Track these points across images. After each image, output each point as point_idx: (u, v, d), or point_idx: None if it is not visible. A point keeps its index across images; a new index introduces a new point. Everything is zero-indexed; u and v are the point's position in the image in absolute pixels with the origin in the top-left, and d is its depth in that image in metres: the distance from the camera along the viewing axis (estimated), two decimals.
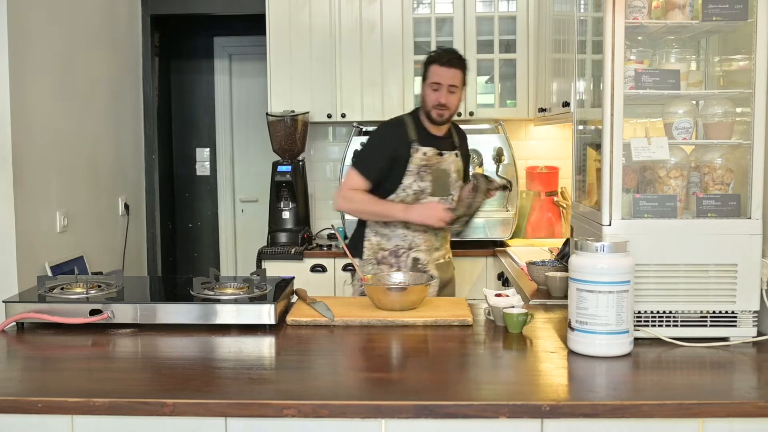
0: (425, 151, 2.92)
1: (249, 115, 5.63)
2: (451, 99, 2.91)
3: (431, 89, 2.90)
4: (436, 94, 2.89)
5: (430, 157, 2.92)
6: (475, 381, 1.71)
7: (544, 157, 4.29)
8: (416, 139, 2.93)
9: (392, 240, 2.97)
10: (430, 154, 2.92)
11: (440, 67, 2.89)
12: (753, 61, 1.92)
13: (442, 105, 2.89)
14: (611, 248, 1.78)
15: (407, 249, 2.95)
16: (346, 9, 4.05)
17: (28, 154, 3.09)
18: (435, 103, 2.89)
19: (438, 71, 2.89)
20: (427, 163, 2.92)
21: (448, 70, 2.89)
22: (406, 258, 2.95)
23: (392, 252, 2.96)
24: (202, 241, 5.78)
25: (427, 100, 2.93)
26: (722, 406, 1.51)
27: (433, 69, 2.91)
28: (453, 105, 2.92)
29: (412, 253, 2.95)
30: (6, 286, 2.90)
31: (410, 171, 2.91)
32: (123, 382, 1.69)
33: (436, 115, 2.91)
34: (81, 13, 3.67)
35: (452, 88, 2.89)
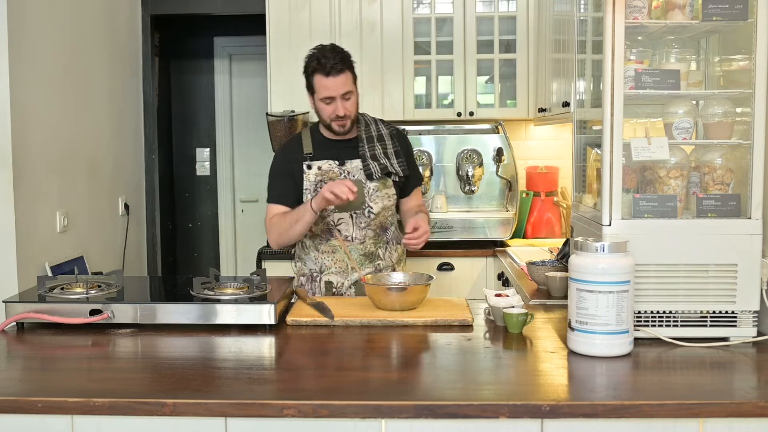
0: (320, 165, 2.66)
1: (249, 115, 5.63)
2: (348, 106, 2.60)
3: (324, 103, 2.59)
4: (331, 107, 2.59)
5: (326, 171, 2.65)
6: (475, 381, 1.71)
7: (544, 157, 4.29)
8: (311, 152, 2.68)
9: (307, 264, 2.75)
10: (326, 168, 2.66)
11: (326, 77, 2.55)
12: (753, 61, 1.92)
13: (340, 117, 2.60)
14: (611, 248, 1.78)
15: (319, 272, 2.72)
16: (346, 9, 4.05)
17: (28, 154, 3.09)
18: (332, 116, 2.60)
19: (325, 83, 2.56)
20: (324, 177, 2.65)
21: (336, 78, 2.55)
22: (319, 282, 2.72)
23: (308, 277, 2.74)
24: (202, 241, 5.78)
25: (323, 114, 2.63)
26: (722, 406, 1.51)
27: (319, 81, 2.57)
28: (352, 111, 2.62)
29: (324, 277, 2.71)
30: (6, 286, 2.90)
31: (307, 190, 2.66)
32: (123, 382, 1.69)
33: (337, 127, 2.63)
34: (81, 13, 3.67)
35: (347, 95, 2.59)
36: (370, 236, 2.71)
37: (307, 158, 2.69)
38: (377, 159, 2.68)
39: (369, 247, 2.71)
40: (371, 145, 2.71)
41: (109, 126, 4.02)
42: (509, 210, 3.87)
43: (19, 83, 3.01)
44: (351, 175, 2.67)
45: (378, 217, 2.69)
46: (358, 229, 2.69)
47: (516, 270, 3.14)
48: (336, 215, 2.66)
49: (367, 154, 2.68)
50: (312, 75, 2.59)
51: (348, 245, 2.67)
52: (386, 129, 2.78)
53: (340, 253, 2.69)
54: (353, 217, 2.68)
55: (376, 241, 2.72)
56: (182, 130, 5.68)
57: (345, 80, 2.57)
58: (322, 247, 2.71)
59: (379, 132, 2.76)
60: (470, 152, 3.84)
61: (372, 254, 2.71)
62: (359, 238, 2.69)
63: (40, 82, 3.22)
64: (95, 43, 3.86)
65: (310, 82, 2.61)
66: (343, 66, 2.57)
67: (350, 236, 2.68)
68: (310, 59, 2.61)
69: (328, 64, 2.55)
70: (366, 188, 2.66)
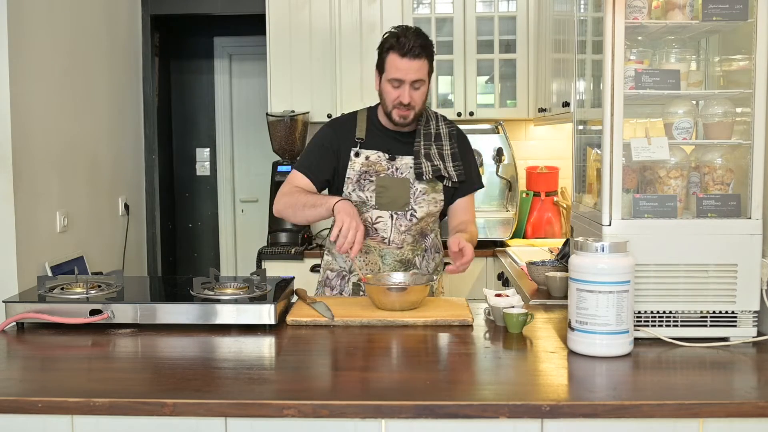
0: (368, 155, 2.46)
1: (249, 115, 5.63)
2: (415, 96, 2.39)
3: (391, 86, 2.39)
4: (397, 92, 2.38)
5: (373, 162, 2.46)
6: (475, 381, 1.71)
7: (544, 157, 4.29)
8: (363, 139, 2.48)
9: (337, 260, 2.58)
10: (374, 159, 2.46)
11: (401, 58, 2.34)
12: (753, 61, 1.92)
13: (405, 105, 2.39)
14: (611, 248, 1.78)
15: (348, 273, 2.56)
16: (346, 9, 4.05)
17: (28, 154, 3.09)
18: (396, 102, 2.39)
19: (398, 64, 2.35)
20: (369, 169, 2.46)
21: (411, 62, 2.34)
22: (348, 282, 2.56)
23: (338, 273, 2.59)
24: (202, 241, 5.78)
25: (386, 98, 2.42)
26: (722, 406, 1.51)
27: (392, 60, 2.36)
28: (418, 103, 2.41)
29: (353, 278, 2.54)
30: (6, 286, 2.90)
31: (349, 178, 2.47)
32: (123, 382, 1.69)
33: (398, 117, 2.42)
34: (81, 13, 3.67)
35: (417, 84, 2.38)
36: (408, 242, 2.50)
37: (357, 144, 2.48)
38: (431, 159, 2.46)
39: (406, 254, 2.51)
40: (427, 143, 2.49)
41: (109, 126, 4.02)
42: (509, 210, 3.87)
43: (19, 83, 3.01)
44: (399, 172, 2.47)
45: (420, 222, 2.49)
46: (397, 232, 2.48)
47: (516, 270, 3.14)
48: (375, 212, 2.47)
49: (421, 152, 2.46)
50: (387, 52, 2.38)
51: (383, 248, 2.49)
52: (446, 128, 2.56)
53: (373, 255, 2.50)
54: (393, 218, 2.47)
55: (414, 248, 2.52)
56: (182, 130, 5.68)
57: (420, 67, 2.36)
58: None
59: (438, 130, 2.54)
60: None
61: (408, 261, 2.52)
62: (396, 242, 2.49)
63: (40, 82, 3.22)
64: (95, 43, 3.86)
65: (382, 59, 2.40)
66: (422, 51, 2.35)
67: (387, 239, 2.48)
68: (388, 36, 2.40)
69: (408, 45, 2.33)
70: (413, 189, 2.46)
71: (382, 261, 2.50)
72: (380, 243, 2.50)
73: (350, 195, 2.49)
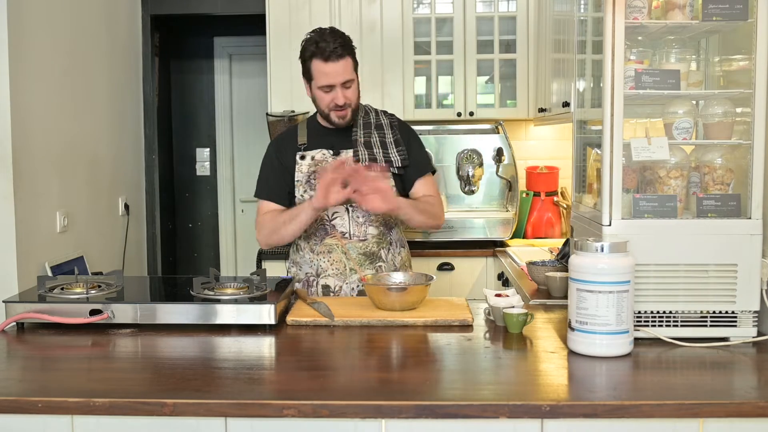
0: (313, 155, 2.50)
1: (249, 115, 5.63)
2: (349, 95, 2.42)
3: (322, 92, 2.42)
4: (330, 96, 2.42)
5: (319, 161, 2.49)
6: (475, 381, 1.71)
7: (544, 157, 4.29)
8: (305, 143, 2.52)
9: (303, 268, 2.58)
10: (320, 157, 2.49)
11: (325, 63, 2.36)
12: (753, 61, 1.92)
13: (339, 106, 2.43)
14: (611, 248, 1.78)
15: (315, 276, 2.55)
16: (346, 9, 4.05)
17: (28, 154, 3.09)
18: (331, 105, 2.43)
19: (324, 69, 2.37)
20: (317, 168, 2.47)
21: (336, 64, 2.36)
22: (316, 286, 2.54)
23: (303, 282, 2.58)
24: (202, 241, 5.78)
25: (321, 104, 2.46)
26: (722, 406, 1.51)
27: (317, 67, 2.38)
28: (353, 100, 2.44)
29: (321, 281, 2.53)
30: (6, 286, 2.90)
31: (298, 181, 2.50)
32: (123, 382, 1.69)
33: (336, 118, 2.46)
34: (81, 13, 3.67)
35: (347, 83, 2.41)
36: (372, 234, 2.51)
37: (300, 148, 2.52)
38: (371, 147, 2.49)
39: (371, 247, 2.51)
40: (366, 132, 2.53)
41: (109, 126, 4.02)
42: (509, 210, 3.87)
43: (19, 83, 3.01)
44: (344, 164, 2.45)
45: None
46: (356, 224, 2.49)
47: (516, 270, 3.14)
48: (330, 209, 2.47)
49: (360, 140, 2.50)
50: (309, 60, 2.40)
51: (346, 243, 2.48)
52: (387, 119, 2.62)
53: (336, 253, 2.50)
54: (349, 211, 2.49)
55: (379, 240, 2.53)
56: (182, 130, 5.68)
57: (345, 66, 2.39)
58: (317, 248, 2.53)
59: (379, 121, 2.59)
60: (470, 152, 3.84)
61: (373, 254, 2.52)
62: (358, 234, 2.49)
63: (40, 82, 3.22)
64: (95, 43, 3.86)
65: (308, 68, 2.42)
66: (343, 51, 2.38)
67: (347, 233, 2.49)
68: (307, 43, 2.41)
69: (328, 49, 2.35)
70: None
71: (346, 257, 2.50)
72: (341, 239, 2.50)
73: (302, 197, 2.51)
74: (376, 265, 2.54)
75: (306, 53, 2.42)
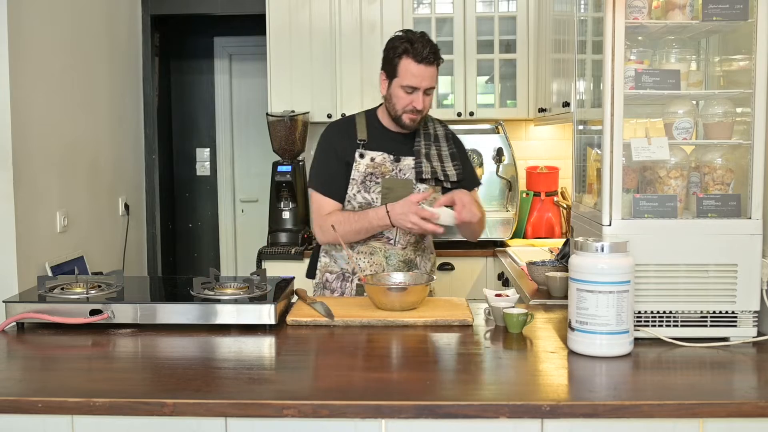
0: (373, 157, 2.47)
1: (249, 115, 5.63)
2: (426, 102, 2.42)
3: (403, 91, 2.39)
4: (410, 98, 2.39)
5: (379, 164, 2.46)
6: (475, 381, 1.71)
7: (544, 157, 4.29)
8: (365, 140, 2.48)
9: (338, 262, 2.57)
10: (380, 160, 2.46)
11: (417, 64, 2.35)
12: (753, 61, 1.92)
13: (416, 111, 2.41)
14: (611, 248, 1.78)
15: (351, 274, 2.54)
16: (347, 9, 4.05)
17: (28, 154, 3.09)
18: (408, 108, 2.41)
19: (414, 70, 2.35)
20: (375, 171, 2.46)
21: (426, 68, 2.36)
22: (350, 284, 2.54)
23: (338, 275, 2.57)
24: (202, 241, 5.78)
25: (397, 103, 2.42)
26: (722, 406, 1.51)
27: (407, 66, 2.36)
28: (427, 108, 2.45)
29: (355, 278, 2.53)
30: (6, 286, 2.90)
31: (354, 179, 2.47)
32: (123, 382, 1.69)
33: (408, 121, 2.44)
34: (81, 13, 3.67)
35: (429, 90, 2.41)
36: (411, 242, 2.54)
37: (359, 145, 2.48)
38: (430, 160, 2.49)
39: (409, 254, 2.54)
40: (427, 143, 2.52)
41: (109, 126, 4.02)
42: (509, 210, 3.87)
43: (19, 83, 3.01)
44: (402, 173, 2.49)
45: None
46: (402, 233, 2.50)
47: (516, 270, 3.14)
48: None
49: (422, 151, 2.49)
50: (399, 57, 2.37)
51: (388, 249, 2.51)
52: (442, 129, 2.61)
53: (378, 256, 2.51)
54: None
55: (415, 248, 2.56)
56: (182, 130, 5.68)
57: (433, 74, 2.38)
58: (359, 247, 2.52)
59: (436, 132, 2.58)
60: (470, 152, 3.83)
61: (410, 261, 2.55)
62: (401, 243, 2.52)
63: (40, 82, 3.22)
64: (95, 43, 3.86)
65: (394, 65, 2.38)
66: (435, 58, 2.38)
67: (393, 239, 2.51)
68: (399, 40, 2.38)
69: (424, 51, 2.34)
70: (416, 189, 2.48)
71: (386, 261, 2.53)
72: (385, 244, 2.53)
73: (355, 196, 2.50)
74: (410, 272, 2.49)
75: (397, 50, 2.38)
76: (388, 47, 2.43)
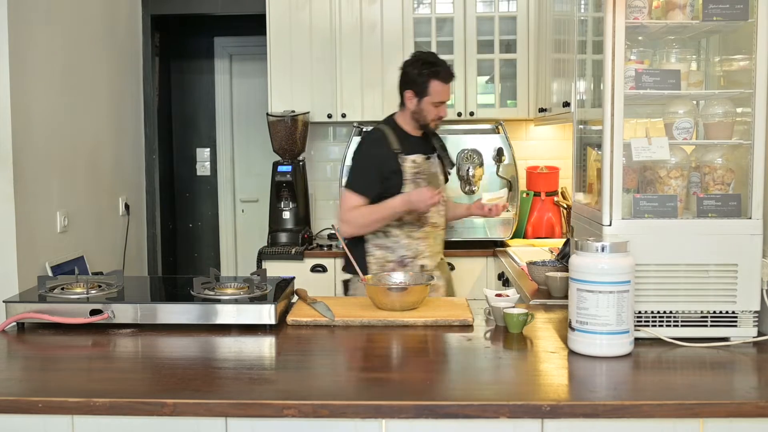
0: (413, 159, 2.90)
1: (249, 115, 5.62)
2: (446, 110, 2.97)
3: (433, 106, 2.89)
4: (438, 110, 2.90)
5: (419, 164, 2.92)
6: (475, 381, 1.71)
7: (545, 157, 4.29)
8: (400, 148, 2.91)
9: (396, 251, 2.92)
10: (419, 161, 2.92)
11: (444, 84, 2.88)
12: (753, 61, 1.92)
13: (442, 118, 2.95)
14: (611, 248, 1.78)
15: (413, 258, 2.92)
16: (347, 9, 4.05)
17: (29, 154, 3.09)
18: (437, 118, 2.92)
19: (441, 90, 2.88)
20: (419, 169, 2.91)
21: (449, 85, 2.91)
22: (412, 266, 2.91)
23: (398, 262, 2.91)
24: (203, 241, 5.78)
25: (427, 116, 2.92)
26: (722, 406, 1.51)
27: (437, 87, 2.87)
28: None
29: (418, 261, 2.91)
30: (6, 286, 2.90)
31: (407, 180, 2.88)
32: (123, 382, 1.69)
33: (434, 126, 2.97)
34: (81, 13, 3.67)
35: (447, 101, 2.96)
36: (443, 225, 3.01)
37: (398, 152, 2.89)
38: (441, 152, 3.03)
39: (443, 234, 3.02)
40: (436, 139, 3.05)
41: (109, 126, 4.02)
42: (510, 210, 3.87)
43: (19, 83, 3.01)
44: (433, 167, 2.95)
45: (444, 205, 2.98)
46: (439, 216, 2.96)
47: (516, 270, 3.14)
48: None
49: (437, 147, 3.03)
50: (429, 79, 2.85)
51: (436, 232, 2.96)
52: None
53: (431, 239, 2.93)
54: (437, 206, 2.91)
55: (444, 229, 3.03)
56: (182, 130, 5.68)
57: (451, 88, 2.94)
58: (415, 234, 2.90)
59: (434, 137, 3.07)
60: (470, 152, 3.84)
61: (444, 241, 3.05)
62: (441, 225, 2.98)
63: (41, 82, 3.22)
64: (95, 43, 3.86)
65: (425, 85, 2.85)
66: (452, 76, 2.91)
67: (437, 223, 2.95)
68: (424, 64, 2.87)
69: (447, 73, 2.87)
70: (440, 179, 2.99)
71: (435, 242, 2.97)
72: (434, 228, 2.96)
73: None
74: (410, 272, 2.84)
75: (426, 73, 2.86)
76: (415, 72, 2.87)
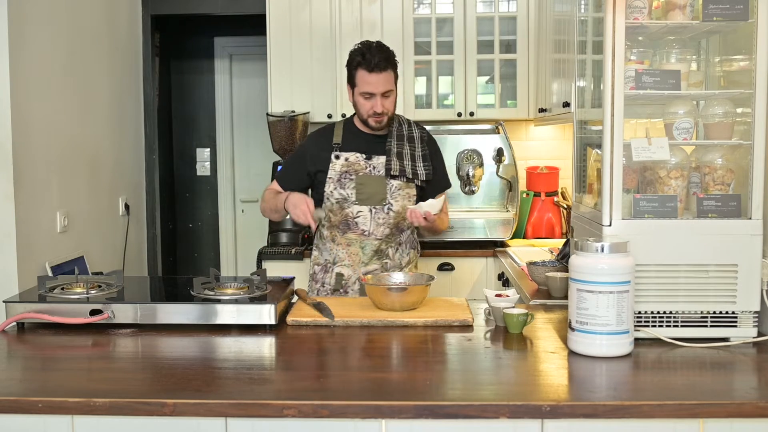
0: (347, 157, 2.73)
1: (249, 115, 5.63)
2: (387, 104, 2.67)
3: (363, 98, 2.66)
4: (370, 103, 2.66)
5: (352, 163, 2.72)
6: (475, 381, 1.71)
7: (545, 158, 4.29)
8: (339, 144, 2.75)
9: (323, 254, 2.83)
10: (353, 159, 2.73)
11: (369, 73, 2.62)
12: (753, 61, 1.92)
13: (378, 114, 2.67)
14: (611, 248, 1.78)
15: (332, 264, 2.80)
16: (347, 9, 4.05)
17: (28, 154, 3.09)
18: (370, 112, 2.67)
19: (367, 79, 2.62)
20: (349, 169, 2.72)
21: (379, 75, 2.62)
22: (331, 273, 2.79)
23: (322, 266, 2.83)
24: (203, 241, 5.78)
25: (360, 109, 2.70)
26: (722, 406, 1.51)
27: (361, 76, 2.64)
28: (390, 109, 2.69)
29: (336, 268, 2.78)
30: (6, 286, 2.90)
31: (330, 178, 2.73)
32: (123, 382, 1.69)
33: (374, 123, 2.70)
34: (81, 13, 3.67)
35: (387, 93, 2.66)
36: (386, 234, 2.76)
37: (335, 148, 2.76)
38: (402, 158, 2.74)
39: (382, 245, 2.77)
40: (399, 143, 2.77)
41: (109, 126, 4.02)
42: (509, 210, 3.87)
43: (19, 83, 3.01)
44: (376, 170, 2.73)
45: (397, 215, 2.75)
46: (376, 224, 2.74)
47: (516, 270, 3.14)
48: (355, 208, 2.73)
49: (393, 151, 2.74)
50: (355, 69, 2.66)
51: (363, 240, 2.76)
52: (418, 131, 2.86)
53: (354, 247, 2.76)
54: (372, 212, 2.74)
55: (389, 240, 2.78)
56: (182, 130, 5.68)
57: (387, 78, 2.64)
58: (338, 239, 2.78)
59: (411, 134, 2.83)
60: (470, 152, 3.84)
61: (382, 252, 2.78)
62: (375, 234, 2.75)
63: (41, 82, 3.22)
64: (95, 43, 3.86)
65: (352, 76, 2.68)
66: (386, 64, 2.64)
67: (367, 231, 2.74)
68: (354, 53, 2.68)
69: (373, 61, 2.61)
70: (389, 185, 2.73)
71: (362, 251, 2.77)
72: (360, 235, 2.76)
73: (332, 193, 2.75)
74: (382, 261, 2.79)
75: (353, 63, 2.68)
76: (348, 60, 2.71)
